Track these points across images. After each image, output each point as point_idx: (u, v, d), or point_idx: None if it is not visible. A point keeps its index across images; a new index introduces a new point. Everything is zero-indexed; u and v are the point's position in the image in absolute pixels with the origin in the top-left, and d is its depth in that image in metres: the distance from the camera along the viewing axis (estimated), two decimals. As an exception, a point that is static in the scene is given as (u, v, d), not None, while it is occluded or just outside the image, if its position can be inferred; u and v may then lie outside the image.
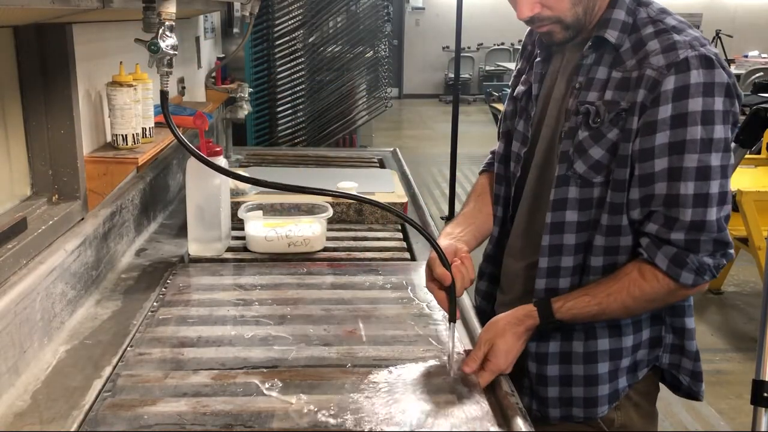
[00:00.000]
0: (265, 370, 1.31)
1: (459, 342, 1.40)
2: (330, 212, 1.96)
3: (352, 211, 2.17)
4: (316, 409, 1.19)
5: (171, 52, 1.30)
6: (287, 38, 3.63)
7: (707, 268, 1.20)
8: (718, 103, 1.15)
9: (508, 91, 1.56)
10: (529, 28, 1.41)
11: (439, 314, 1.57)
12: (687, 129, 1.15)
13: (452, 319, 1.29)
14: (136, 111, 1.74)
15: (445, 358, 1.33)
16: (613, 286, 1.24)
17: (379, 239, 2.04)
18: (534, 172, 1.42)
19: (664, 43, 1.18)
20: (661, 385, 1.46)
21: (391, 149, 3.27)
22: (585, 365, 1.35)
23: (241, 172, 2.32)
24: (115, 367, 1.30)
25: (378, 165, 3.02)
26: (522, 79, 1.47)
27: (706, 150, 1.15)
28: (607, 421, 1.37)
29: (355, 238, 2.03)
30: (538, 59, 1.41)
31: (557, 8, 1.24)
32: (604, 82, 1.24)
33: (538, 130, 1.40)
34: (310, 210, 2.01)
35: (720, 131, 1.15)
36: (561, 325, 1.30)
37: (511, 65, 10.61)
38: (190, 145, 1.33)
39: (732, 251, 1.23)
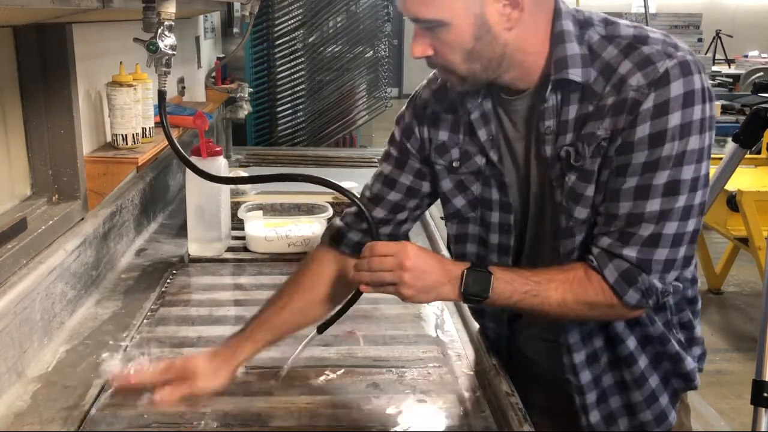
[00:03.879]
0: (265, 370, 1.31)
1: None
2: (330, 212, 1.96)
3: (352, 211, 2.17)
4: (316, 409, 1.19)
5: (169, 51, 1.30)
6: (287, 38, 3.62)
7: (654, 292, 1.11)
8: (697, 112, 1.07)
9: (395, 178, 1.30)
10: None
11: (440, 314, 1.57)
12: (664, 146, 1.07)
13: (320, 330, 1.26)
14: (136, 111, 1.74)
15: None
16: (557, 275, 1.13)
17: (379, 239, 2.04)
18: (531, 231, 1.26)
19: (636, 59, 1.09)
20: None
21: (391, 149, 3.26)
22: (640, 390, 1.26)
23: (240, 172, 2.32)
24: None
25: (378, 165, 3.02)
26: (455, 151, 1.25)
27: (678, 164, 1.08)
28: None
29: (355, 238, 2.03)
30: (480, 129, 1.22)
31: (448, 59, 1.12)
32: (576, 120, 1.13)
33: (523, 192, 1.24)
34: (310, 210, 2.01)
35: (695, 141, 1.08)
36: (488, 286, 1.12)
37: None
38: (182, 150, 1.33)
39: (678, 285, 1.14)
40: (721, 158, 2.54)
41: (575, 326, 1.22)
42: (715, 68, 7.45)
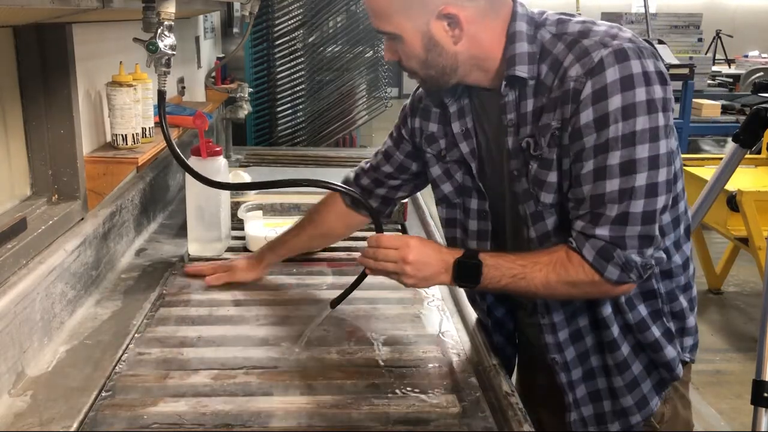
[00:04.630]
0: (265, 370, 1.31)
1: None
2: (330, 212, 1.96)
3: (352, 211, 2.17)
4: (316, 409, 1.19)
5: (169, 51, 1.30)
6: (287, 38, 3.63)
7: (634, 266, 1.17)
8: (640, 94, 1.13)
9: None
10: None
11: (440, 314, 1.57)
12: (609, 128, 1.13)
13: (332, 305, 1.46)
14: (136, 111, 1.74)
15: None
16: (542, 258, 1.22)
17: (379, 239, 2.04)
18: (506, 218, 1.36)
19: (576, 52, 1.16)
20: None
21: (391, 149, 3.26)
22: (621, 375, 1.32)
23: (240, 172, 2.32)
24: (115, 367, 1.30)
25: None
26: (443, 141, 1.39)
27: (629, 144, 1.13)
28: (658, 416, 1.36)
29: (355, 238, 2.03)
30: (455, 122, 1.34)
31: (407, 65, 1.26)
32: (533, 113, 1.22)
33: (495, 181, 1.34)
34: (310, 210, 2.00)
35: (643, 122, 1.13)
36: (479, 273, 1.23)
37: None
38: (178, 150, 1.33)
39: (661, 255, 1.22)
40: (721, 158, 2.54)
41: (559, 306, 1.30)
42: (715, 68, 7.44)
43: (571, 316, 1.31)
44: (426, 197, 1.80)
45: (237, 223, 1.95)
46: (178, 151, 1.33)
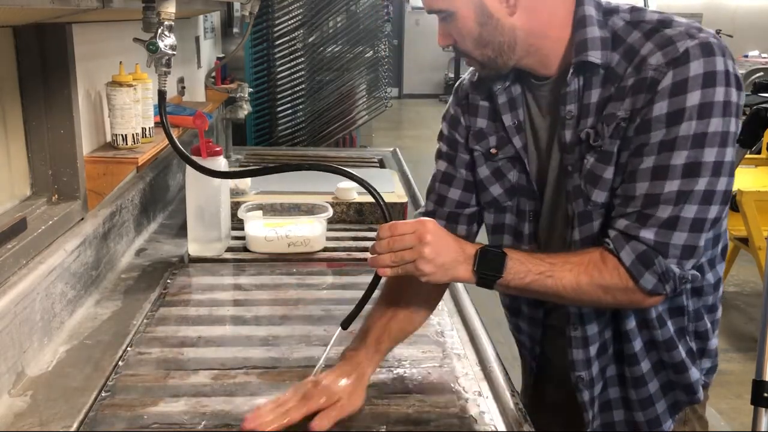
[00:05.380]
0: (265, 370, 1.31)
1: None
2: (330, 212, 1.96)
3: (352, 211, 2.17)
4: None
5: (169, 51, 1.30)
6: (287, 38, 3.63)
7: (671, 277, 1.08)
8: (719, 94, 1.05)
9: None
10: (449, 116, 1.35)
11: (439, 315, 1.57)
12: (681, 125, 1.05)
13: (344, 326, 1.23)
14: (136, 111, 1.74)
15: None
16: (573, 258, 1.12)
17: (379, 239, 2.04)
18: (545, 219, 1.28)
19: (658, 40, 1.08)
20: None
21: (391, 149, 3.27)
22: (636, 389, 1.27)
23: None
24: (115, 367, 1.30)
25: (378, 165, 3.02)
26: (493, 138, 1.29)
27: (698, 145, 1.05)
28: None
29: (355, 238, 2.03)
30: (506, 114, 1.26)
31: (463, 46, 1.18)
32: (598, 104, 1.14)
33: (542, 179, 1.26)
34: (310, 210, 2.01)
35: (717, 124, 1.05)
36: (502, 266, 1.12)
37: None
38: (182, 149, 1.33)
39: (696, 273, 1.13)
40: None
41: (594, 317, 1.22)
42: (715, 68, 7.44)
43: (602, 328, 1.23)
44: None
45: (237, 223, 1.95)
46: (181, 147, 1.33)
